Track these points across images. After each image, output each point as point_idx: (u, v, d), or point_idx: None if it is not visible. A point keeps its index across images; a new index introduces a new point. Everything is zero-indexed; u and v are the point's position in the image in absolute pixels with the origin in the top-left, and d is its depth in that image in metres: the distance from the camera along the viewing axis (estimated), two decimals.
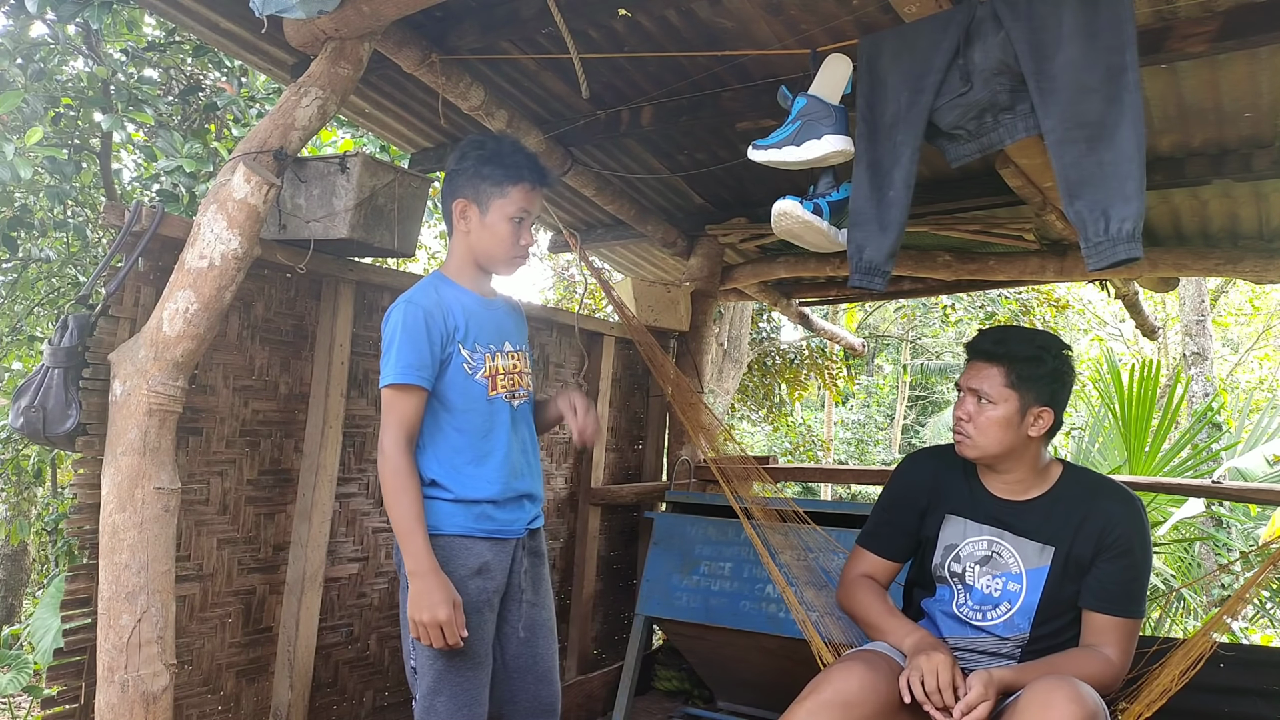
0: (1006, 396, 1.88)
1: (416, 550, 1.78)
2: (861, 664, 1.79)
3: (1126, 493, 1.95)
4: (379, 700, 2.84)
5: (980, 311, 10.07)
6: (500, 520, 1.93)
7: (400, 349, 1.84)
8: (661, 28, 2.47)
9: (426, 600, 1.75)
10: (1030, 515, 1.94)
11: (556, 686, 2.05)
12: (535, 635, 2.02)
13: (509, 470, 1.95)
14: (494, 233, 1.94)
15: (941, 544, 2.02)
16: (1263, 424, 5.86)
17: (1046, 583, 1.89)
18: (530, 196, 1.96)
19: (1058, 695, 1.60)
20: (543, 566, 2.08)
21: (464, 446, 1.90)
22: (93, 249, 4.96)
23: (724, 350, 7.60)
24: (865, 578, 2.10)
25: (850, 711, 1.69)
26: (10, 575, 6.91)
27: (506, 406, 1.98)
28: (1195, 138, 2.84)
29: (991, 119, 1.91)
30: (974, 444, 1.93)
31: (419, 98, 3.01)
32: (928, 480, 2.09)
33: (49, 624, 3.91)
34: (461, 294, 1.96)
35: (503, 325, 2.02)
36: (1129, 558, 1.86)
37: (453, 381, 1.90)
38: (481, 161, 1.94)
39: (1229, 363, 14.42)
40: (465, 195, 1.95)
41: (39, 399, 1.97)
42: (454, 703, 1.84)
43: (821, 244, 2.26)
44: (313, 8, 2.00)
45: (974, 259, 3.91)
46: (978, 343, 1.97)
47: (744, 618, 3.00)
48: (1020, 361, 1.89)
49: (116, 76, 4.09)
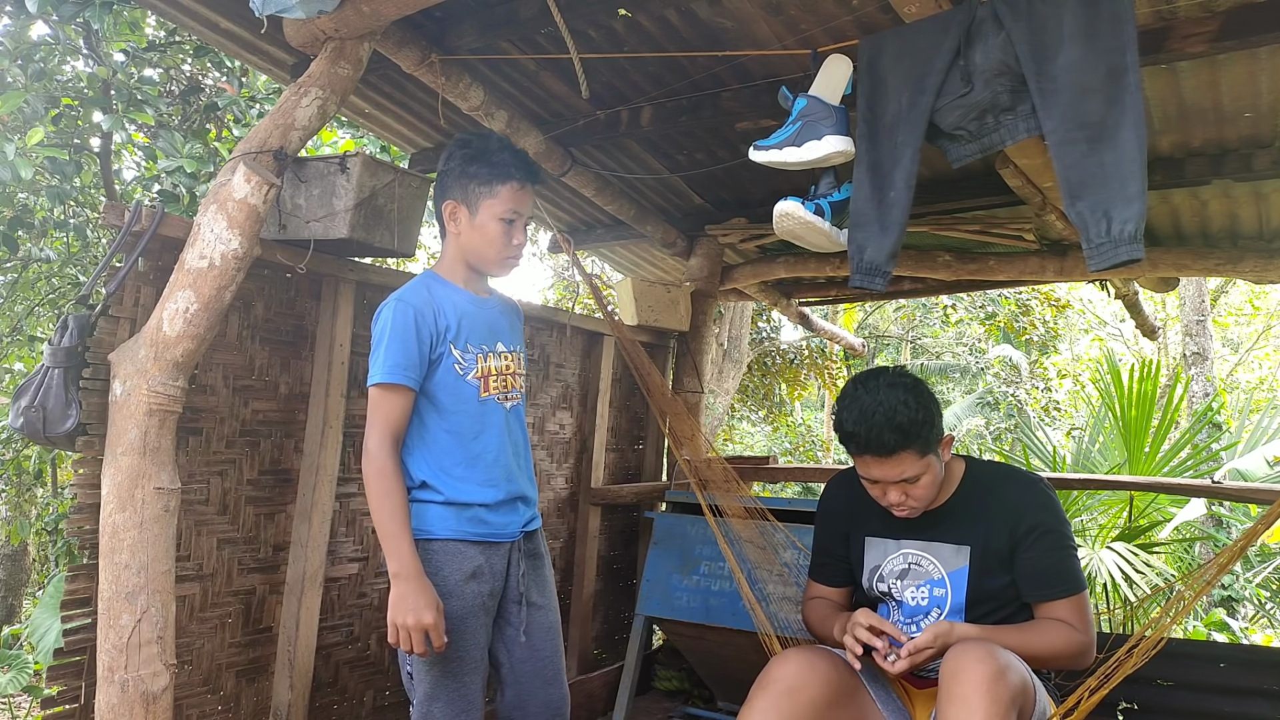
0: (926, 464, 1.86)
1: (400, 553, 1.74)
2: (798, 652, 1.85)
3: (1027, 476, 2.00)
4: (379, 700, 2.84)
5: (980, 311, 10.08)
6: (493, 524, 1.91)
7: (389, 348, 1.81)
8: (661, 28, 2.47)
9: (410, 603, 1.72)
10: (942, 520, 1.97)
11: (565, 689, 2.02)
12: (541, 638, 1.99)
13: (501, 473, 1.92)
14: (484, 233, 1.91)
15: (867, 566, 2.07)
16: (1263, 424, 5.86)
17: (969, 580, 1.93)
18: (519, 195, 1.92)
19: (968, 658, 1.64)
20: (544, 569, 2.05)
21: (454, 448, 1.88)
22: (93, 249, 4.96)
23: (724, 350, 7.60)
24: (818, 599, 2.17)
25: (796, 695, 1.74)
26: (10, 575, 6.92)
27: (499, 408, 1.95)
28: (1195, 138, 2.84)
29: (993, 120, 1.91)
30: (918, 509, 1.94)
31: (419, 98, 3.01)
32: (843, 506, 2.13)
33: (49, 624, 3.91)
34: (454, 293, 1.94)
35: (496, 325, 2.00)
36: (1050, 537, 1.89)
37: (443, 382, 1.88)
38: (468, 161, 1.90)
39: (1229, 363, 14.43)
40: (454, 196, 1.92)
41: (39, 399, 1.97)
42: (450, 708, 1.82)
43: (823, 244, 2.26)
44: (313, 8, 2.00)
45: (974, 259, 3.91)
46: (873, 441, 1.81)
47: (744, 618, 2.99)
48: (921, 432, 1.82)
49: (117, 77, 4.09)
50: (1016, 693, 1.62)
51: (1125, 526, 5.07)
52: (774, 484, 6.15)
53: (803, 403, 13.31)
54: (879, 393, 1.82)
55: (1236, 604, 6.29)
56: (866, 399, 1.83)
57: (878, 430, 1.80)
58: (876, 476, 1.88)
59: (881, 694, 1.90)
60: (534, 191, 1.98)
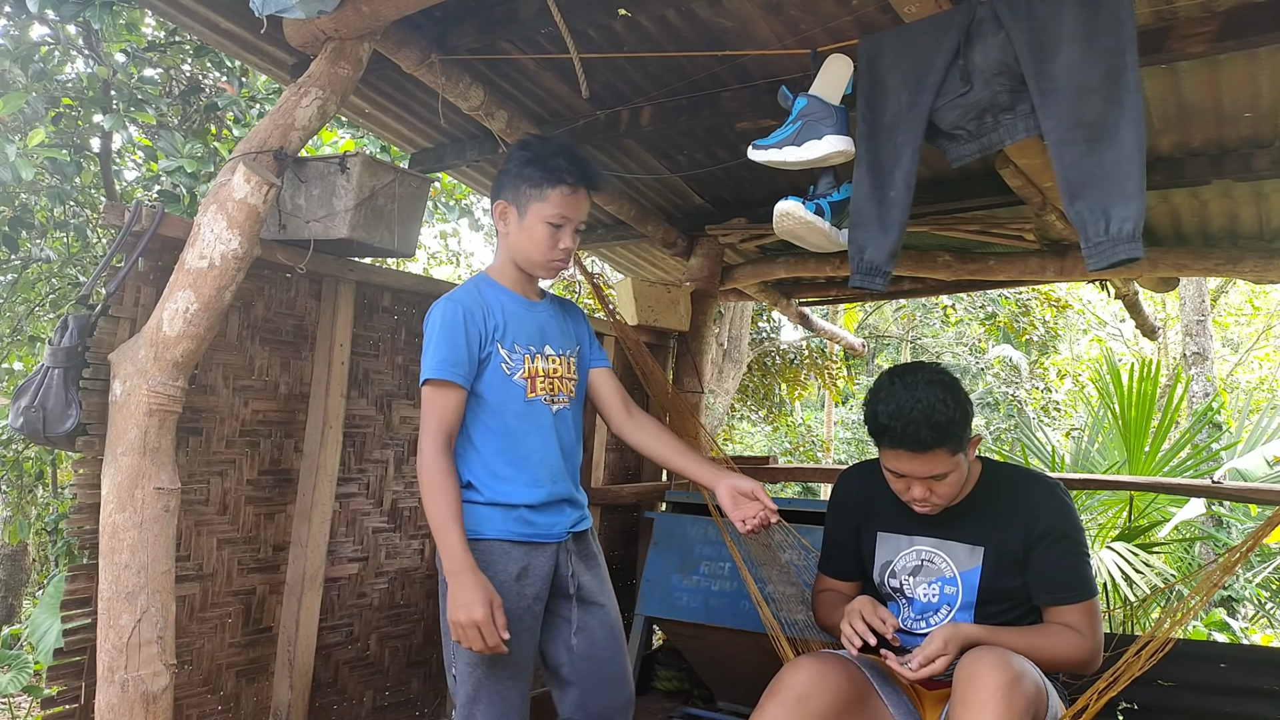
0: (956, 463, 1.84)
1: (452, 549, 1.73)
2: (810, 659, 1.85)
3: (1045, 479, 1.99)
4: (379, 700, 2.84)
5: (980, 311, 10.08)
6: (539, 524, 1.90)
7: (438, 345, 1.83)
8: (661, 28, 2.47)
9: (461, 600, 1.70)
10: (957, 519, 1.97)
11: (629, 689, 1.99)
12: (601, 638, 1.97)
13: (547, 474, 1.91)
14: (530, 235, 1.90)
15: (878, 561, 2.07)
16: (1263, 424, 5.85)
17: (981, 581, 1.93)
18: (569, 201, 1.89)
19: (983, 664, 1.64)
20: (599, 568, 2.03)
21: (501, 448, 1.88)
22: (93, 249, 4.97)
23: (724, 350, 7.60)
24: (828, 592, 2.17)
25: (807, 704, 1.74)
26: (10, 575, 6.91)
27: (546, 410, 1.93)
28: (1195, 138, 2.84)
29: (992, 119, 1.91)
30: (940, 506, 1.92)
31: (419, 98, 3.01)
32: (856, 499, 2.13)
33: (49, 624, 3.91)
34: (503, 294, 1.95)
35: (546, 328, 1.99)
36: (1064, 542, 1.89)
37: (491, 382, 1.88)
38: (524, 163, 1.90)
39: (1229, 363, 14.42)
40: (505, 197, 1.93)
41: (39, 399, 1.97)
42: (492, 711, 1.80)
43: (823, 244, 2.26)
44: (312, 8, 2.00)
45: (974, 259, 3.91)
46: (909, 437, 1.79)
47: (744, 618, 2.99)
48: (956, 431, 1.81)
49: (117, 77, 4.09)
50: (1030, 700, 1.63)
51: (1125, 526, 5.07)
52: (774, 484, 6.15)
53: (803, 403, 13.31)
54: (918, 389, 1.80)
55: (1236, 604, 6.29)
56: (904, 394, 1.80)
57: (915, 427, 1.78)
58: (906, 472, 1.86)
59: (893, 697, 1.89)
60: (590, 197, 1.95)
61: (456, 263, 10.07)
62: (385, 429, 2.84)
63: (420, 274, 4.54)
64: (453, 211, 6.50)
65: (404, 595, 2.91)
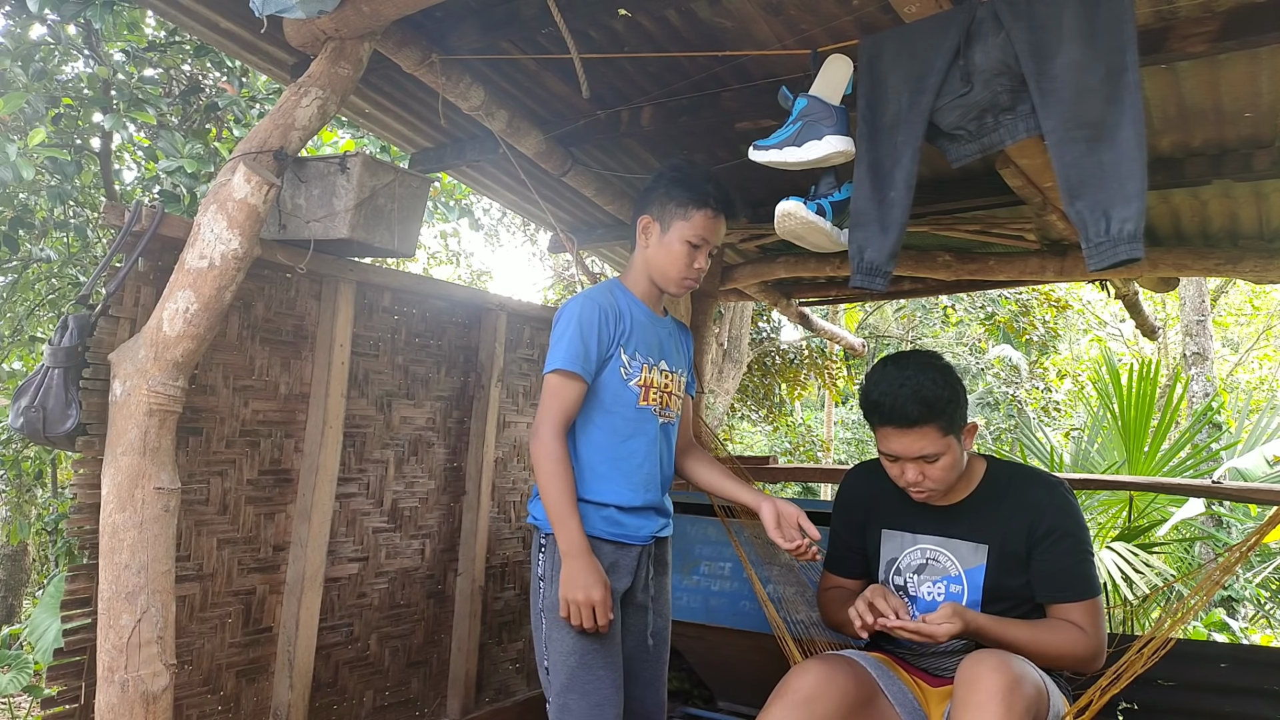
0: (947, 444, 1.88)
1: (570, 533, 1.83)
2: (816, 662, 1.87)
3: (1049, 478, 2.00)
4: (379, 700, 2.84)
5: (980, 311, 10.08)
6: (627, 526, 1.97)
7: (570, 339, 1.91)
8: (661, 28, 2.47)
9: (581, 580, 1.80)
10: (961, 517, 1.98)
11: (663, 695, 2.09)
12: (660, 644, 2.07)
13: (643, 479, 1.99)
14: (669, 251, 2.02)
15: (883, 559, 2.09)
16: (1262, 424, 5.85)
17: (986, 579, 1.94)
18: (710, 224, 2.02)
19: (984, 666, 1.66)
20: (666, 577, 2.13)
21: (605, 445, 1.96)
22: (93, 249, 4.97)
23: (724, 350, 7.60)
24: (835, 589, 2.19)
25: (813, 706, 1.76)
26: (10, 575, 6.92)
27: (654, 420, 2.02)
28: (1195, 138, 2.84)
29: (992, 119, 1.91)
30: (935, 493, 1.95)
31: (419, 98, 3.00)
32: (862, 497, 2.16)
33: (49, 624, 3.91)
34: (634, 303, 2.05)
35: (665, 344, 2.09)
36: (1067, 540, 1.90)
37: (607, 382, 1.97)
38: (673, 184, 2.03)
39: (1229, 363, 14.43)
40: (651, 212, 2.04)
41: (39, 399, 1.97)
42: (586, 700, 1.86)
43: (824, 244, 2.26)
44: (313, 8, 2.00)
45: (974, 259, 3.91)
46: (896, 412, 1.85)
47: (744, 618, 3.00)
48: (945, 409, 1.85)
49: (117, 77, 4.09)
50: (1030, 702, 1.63)
51: (1125, 526, 5.08)
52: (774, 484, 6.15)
53: (803, 403, 13.31)
54: (909, 369, 1.88)
55: (1236, 604, 6.29)
56: (896, 373, 1.88)
57: (902, 401, 1.83)
58: (896, 451, 1.89)
59: (899, 697, 1.90)
60: (726, 225, 2.09)
61: (456, 263, 10.07)
62: (385, 429, 2.84)
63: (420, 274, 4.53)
64: (453, 211, 6.50)
65: (404, 595, 2.91)
